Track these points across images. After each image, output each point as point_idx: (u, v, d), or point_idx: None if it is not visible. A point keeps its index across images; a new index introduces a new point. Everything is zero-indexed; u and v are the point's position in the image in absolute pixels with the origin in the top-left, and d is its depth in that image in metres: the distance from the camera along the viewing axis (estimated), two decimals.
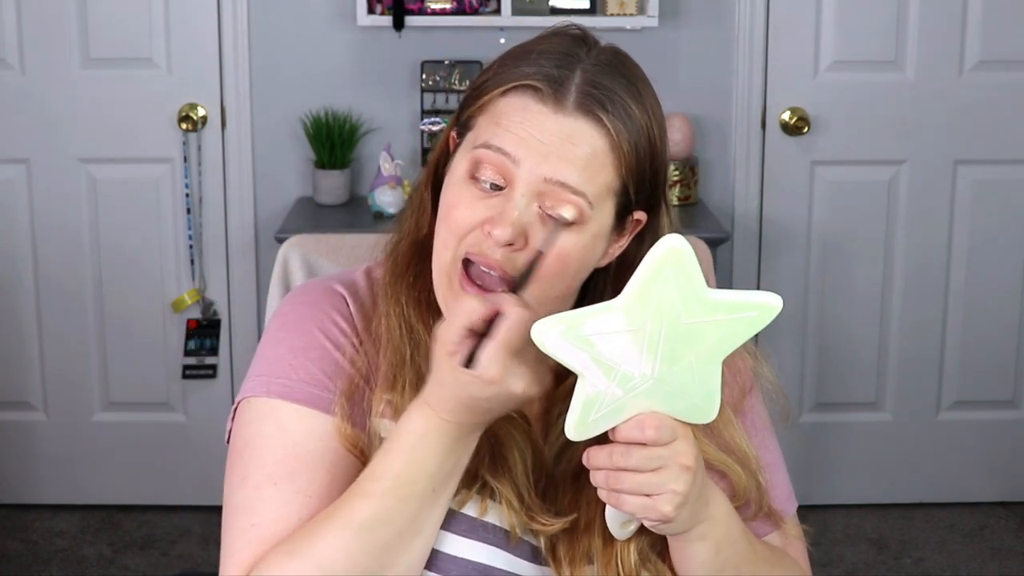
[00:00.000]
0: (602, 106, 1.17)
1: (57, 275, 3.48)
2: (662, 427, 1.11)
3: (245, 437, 1.23)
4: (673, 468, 1.11)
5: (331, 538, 1.13)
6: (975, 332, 3.56)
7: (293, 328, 1.27)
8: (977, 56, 3.42)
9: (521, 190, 1.17)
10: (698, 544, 1.19)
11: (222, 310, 3.52)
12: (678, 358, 1.11)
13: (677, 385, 1.12)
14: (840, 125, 3.45)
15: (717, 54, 3.44)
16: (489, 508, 1.22)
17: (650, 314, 1.10)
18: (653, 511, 1.12)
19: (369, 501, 1.14)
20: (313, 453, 1.20)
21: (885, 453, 3.63)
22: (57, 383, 3.54)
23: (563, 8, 3.34)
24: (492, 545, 1.21)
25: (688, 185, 3.39)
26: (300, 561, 1.13)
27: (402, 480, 1.14)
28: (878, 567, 3.34)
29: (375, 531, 1.13)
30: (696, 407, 1.14)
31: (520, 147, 1.17)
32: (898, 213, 3.50)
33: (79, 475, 3.57)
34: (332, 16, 3.39)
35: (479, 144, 1.19)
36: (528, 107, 1.17)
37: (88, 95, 3.40)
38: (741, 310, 1.12)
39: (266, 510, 1.18)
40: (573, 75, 1.18)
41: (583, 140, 1.17)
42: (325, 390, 1.22)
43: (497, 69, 1.22)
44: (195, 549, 3.36)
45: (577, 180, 1.16)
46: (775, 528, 1.33)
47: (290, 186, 3.47)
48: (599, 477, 1.12)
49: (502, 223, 1.16)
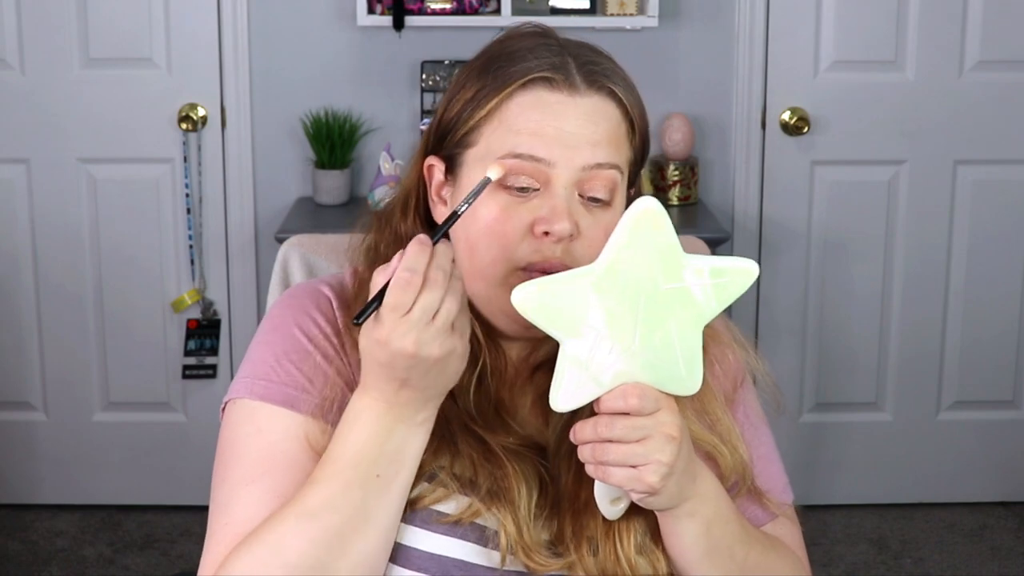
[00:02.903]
0: (608, 78, 1.22)
1: (57, 275, 3.48)
2: (645, 396, 1.11)
3: (228, 438, 1.24)
4: (658, 438, 1.12)
5: (284, 526, 1.14)
6: (975, 332, 3.56)
7: (277, 330, 1.28)
8: (977, 56, 3.42)
9: (563, 182, 1.19)
10: (687, 521, 1.19)
11: (222, 310, 3.52)
12: (658, 325, 1.12)
13: (659, 354, 1.12)
14: (840, 125, 3.46)
15: (717, 54, 3.44)
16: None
17: (629, 279, 1.10)
18: (639, 482, 1.12)
19: (316, 487, 1.14)
20: (288, 453, 1.20)
21: (885, 453, 3.63)
22: (57, 383, 3.54)
23: (563, 8, 3.34)
24: (472, 542, 1.21)
25: (688, 185, 3.39)
26: (257, 549, 1.14)
27: (342, 465, 1.14)
28: (878, 567, 3.34)
29: (322, 517, 1.13)
30: (679, 377, 1.14)
31: (552, 148, 1.18)
32: (898, 213, 3.50)
33: (79, 475, 3.57)
34: (332, 16, 3.39)
35: (503, 156, 1.19)
36: (543, 100, 1.19)
37: (88, 95, 3.40)
38: (719, 276, 1.13)
39: (239, 509, 1.19)
40: (568, 60, 1.22)
41: (602, 116, 1.21)
42: (303, 390, 1.23)
43: (485, 77, 1.22)
44: (195, 549, 3.36)
45: (607, 155, 1.20)
46: (763, 509, 1.33)
47: (290, 186, 3.47)
48: (586, 451, 1.13)
49: (558, 219, 1.18)
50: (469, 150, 1.22)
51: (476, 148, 1.22)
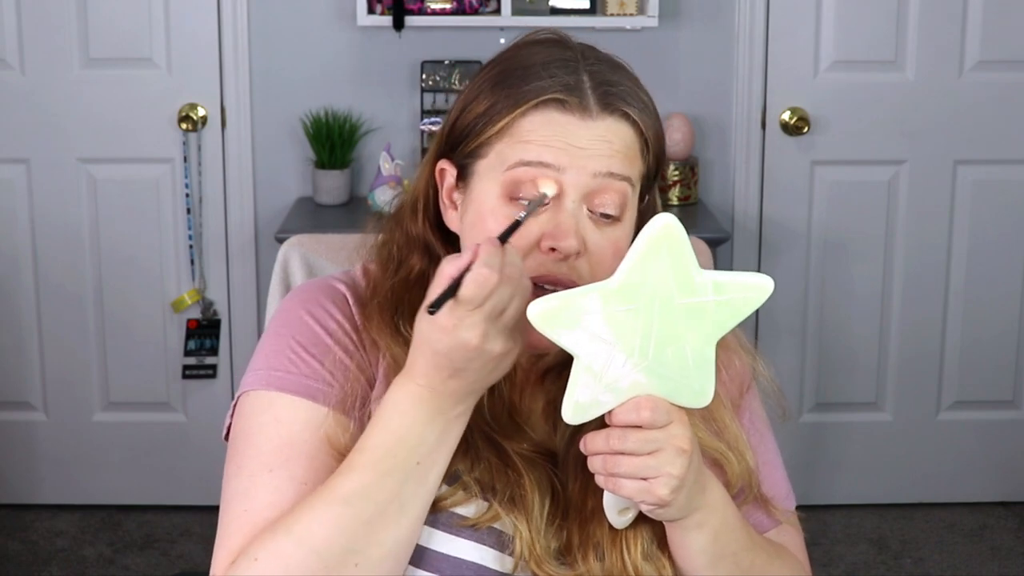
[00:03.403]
0: (624, 100, 1.20)
1: (57, 275, 3.48)
2: (657, 409, 1.11)
3: (243, 429, 1.23)
4: (669, 451, 1.12)
5: (314, 513, 1.13)
6: (975, 332, 3.56)
7: (293, 324, 1.27)
8: (977, 56, 3.42)
9: (571, 195, 1.18)
10: (695, 531, 1.20)
11: (222, 310, 3.52)
12: (672, 339, 1.12)
13: (672, 367, 1.12)
14: (840, 125, 3.46)
15: (717, 54, 3.44)
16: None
17: (645, 294, 1.10)
18: (650, 495, 1.12)
19: (351, 475, 1.13)
20: (309, 443, 1.20)
21: (885, 453, 3.63)
22: (57, 383, 3.54)
23: (563, 8, 3.34)
24: (488, 546, 1.21)
25: (688, 185, 3.39)
26: (282, 536, 1.13)
27: (381, 452, 1.13)
28: (878, 567, 3.34)
29: (356, 505, 1.12)
30: (691, 390, 1.14)
31: (561, 155, 1.17)
32: (898, 213, 3.50)
33: (79, 475, 3.57)
34: (332, 16, 3.39)
35: (512, 164, 1.18)
36: (554, 120, 1.18)
37: (88, 95, 3.40)
38: (733, 291, 1.13)
39: (259, 496, 1.18)
40: (583, 79, 1.20)
41: (617, 137, 1.19)
42: (323, 382, 1.22)
43: (499, 91, 1.21)
44: (195, 549, 3.36)
45: (620, 167, 1.19)
46: (768, 515, 1.34)
47: (290, 186, 3.47)
48: (596, 462, 1.13)
49: (564, 236, 1.17)
50: (480, 161, 1.22)
51: (487, 160, 1.21)
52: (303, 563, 1.11)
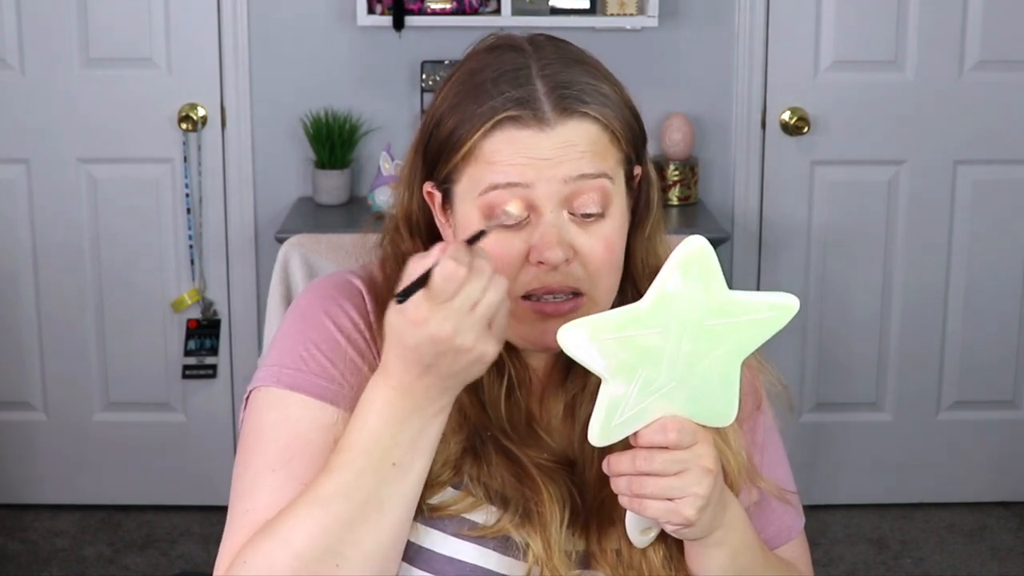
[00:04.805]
0: (580, 100, 1.18)
1: (57, 275, 3.48)
2: (684, 430, 1.12)
3: (252, 426, 1.23)
4: (695, 471, 1.12)
5: (296, 515, 1.13)
6: (975, 332, 3.56)
7: (307, 320, 1.26)
8: (977, 56, 3.42)
9: (548, 206, 1.17)
10: (716, 550, 1.20)
11: (222, 310, 3.52)
12: (699, 360, 1.12)
13: (698, 388, 1.12)
14: (840, 125, 3.45)
15: (717, 54, 3.44)
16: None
17: (674, 316, 1.10)
18: (676, 515, 1.12)
19: (331, 476, 1.13)
20: (314, 443, 1.19)
21: (885, 453, 3.63)
22: (57, 383, 3.54)
23: (563, 8, 3.34)
24: (494, 550, 1.21)
25: (688, 185, 3.39)
26: (269, 537, 1.13)
27: (356, 452, 1.12)
28: (878, 567, 3.34)
29: (334, 505, 1.12)
30: (715, 410, 1.14)
31: (527, 171, 1.17)
32: (898, 213, 3.50)
33: (79, 475, 3.57)
34: (332, 16, 3.39)
35: (484, 189, 1.18)
36: (514, 138, 1.17)
37: (88, 95, 3.40)
38: (759, 311, 1.13)
39: (260, 496, 1.18)
40: (536, 86, 1.18)
41: (580, 138, 1.18)
42: (333, 382, 1.22)
43: (458, 113, 1.20)
44: (195, 549, 3.36)
45: (592, 166, 1.18)
46: (796, 513, 1.36)
47: (290, 186, 3.47)
48: (621, 483, 1.13)
49: (548, 247, 1.17)
50: (456, 185, 1.21)
51: (461, 184, 1.21)
52: (287, 565, 1.12)
